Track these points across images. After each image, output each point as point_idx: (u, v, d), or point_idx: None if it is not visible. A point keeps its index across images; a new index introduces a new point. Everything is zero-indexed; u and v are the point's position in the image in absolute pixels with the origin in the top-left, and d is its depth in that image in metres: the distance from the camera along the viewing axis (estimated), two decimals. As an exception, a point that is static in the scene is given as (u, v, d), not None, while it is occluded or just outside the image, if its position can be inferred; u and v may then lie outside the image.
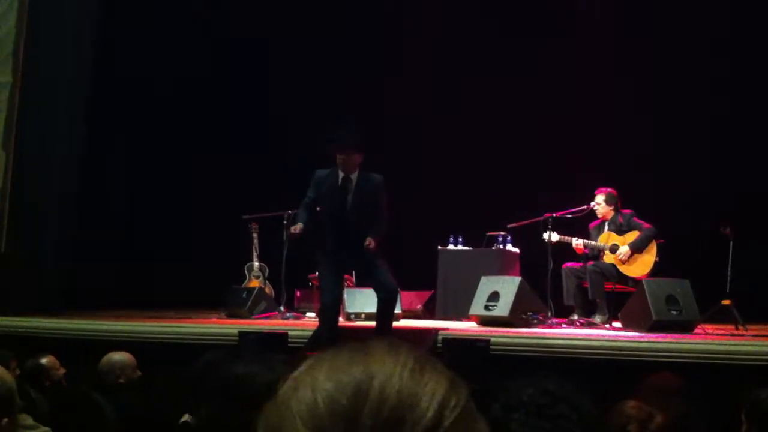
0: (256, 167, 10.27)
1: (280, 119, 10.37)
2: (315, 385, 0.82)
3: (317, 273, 6.73)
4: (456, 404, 0.80)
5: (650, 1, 9.57)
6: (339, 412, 0.79)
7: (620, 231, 7.72)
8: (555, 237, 7.65)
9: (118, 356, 4.94)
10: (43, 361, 5.07)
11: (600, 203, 7.80)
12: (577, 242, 7.75)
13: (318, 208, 6.29)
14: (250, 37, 10.45)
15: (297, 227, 6.11)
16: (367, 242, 5.97)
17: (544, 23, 9.68)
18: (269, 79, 10.45)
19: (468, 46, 9.88)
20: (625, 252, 7.60)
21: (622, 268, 7.62)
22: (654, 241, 7.63)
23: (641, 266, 7.61)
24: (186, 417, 4.78)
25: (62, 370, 5.15)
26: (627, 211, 7.80)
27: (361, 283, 8.22)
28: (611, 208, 7.79)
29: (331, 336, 6.09)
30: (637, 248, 7.60)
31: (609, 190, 7.83)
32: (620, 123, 9.35)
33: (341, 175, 6.13)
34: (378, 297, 6.28)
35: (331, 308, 6.23)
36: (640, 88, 9.39)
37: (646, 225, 7.68)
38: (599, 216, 7.85)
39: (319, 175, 6.25)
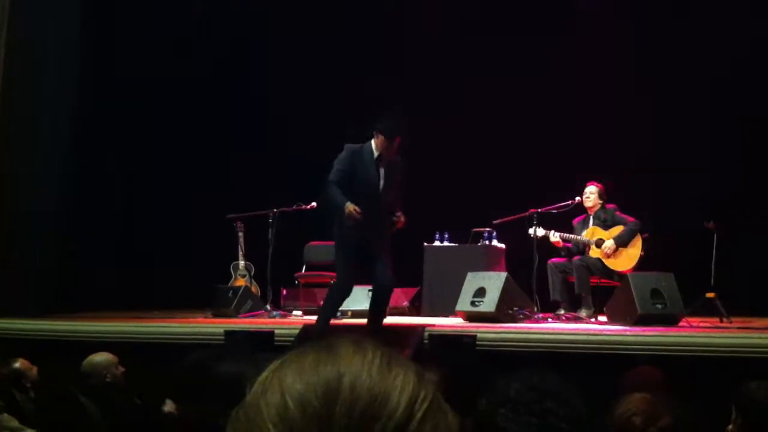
0: (253, 168, 10.20)
1: (279, 119, 10.31)
2: (284, 387, 0.80)
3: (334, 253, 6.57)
4: (425, 397, 0.81)
5: (650, 1, 9.59)
6: (311, 413, 0.78)
7: (605, 225, 7.80)
8: (541, 232, 7.68)
9: (100, 357, 4.94)
10: (17, 365, 5.03)
11: (594, 193, 7.86)
12: (554, 237, 7.78)
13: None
14: (250, 37, 10.39)
15: (355, 209, 5.98)
16: (399, 217, 6.09)
17: (542, 22, 9.67)
18: (269, 80, 10.38)
19: (464, 44, 9.83)
20: (610, 246, 7.65)
21: (608, 262, 7.67)
22: (639, 235, 7.69)
23: (627, 260, 7.66)
24: (169, 406, 4.79)
25: (35, 369, 5.12)
26: (611, 206, 7.88)
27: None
28: (601, 201, 7.87)
29: (324, 328, 6.21)
30: (622, 242, 7.66)
31: (600, 185, 7.91)
32: (606, 119, 9.36)
33: (376, 153, 6.16)
34: (374, 290, 6.35)
35: (342, 293, 6.35)
36: (640, 88, 9.36)
37: (630, 219, 7.74)
38: (588, 206, 7.90)
39: (353, 149, 6.23)
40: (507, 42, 9.64)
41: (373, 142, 6.20)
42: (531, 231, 7.67)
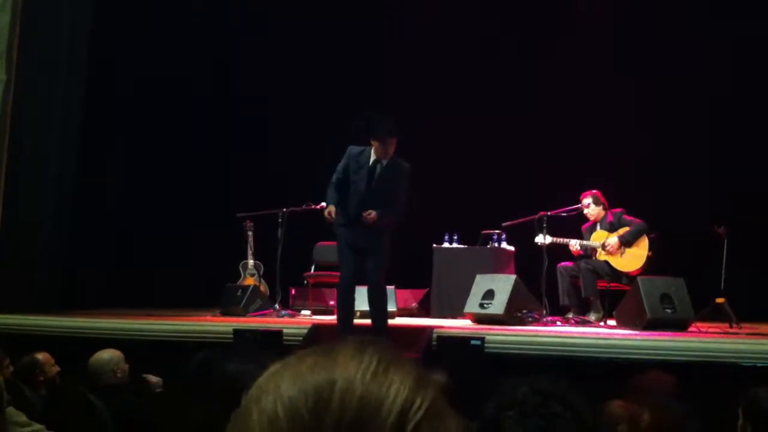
0: (253, 167, 10.23)
1: (279, 120, 10.32)
2: (277, 393, 0.80)
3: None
4: (421, 405, 0.78)
5: (650, 2, 9.57)
6: (299, 423, 0.77)
7: (612, 229, 7.75)
8: (548, 239, 7.66)
9: (107, 354, 4.96)
10: (39, 356, 5.10)
11: (589, 205, 7.82)
12: (572, 244, 7.76)
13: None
14: (250, 37, 10.41)
15: (330, 210, 6.39)
16: (366, 213, 6.20)
17: (543, 24, 9.67)
18: (269, 82, 10.39)
19: (466, 45, 9.86)
20: (614, 243, 7.61)
21: (614, 262, 7.63)
22: (645, 235, 7.64)
23: (633, 260, 7.62)
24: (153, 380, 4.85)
25: (56, 368, 5.16)
26: (617, 210, 7.83)
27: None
28: (600, 208, 7.82)
29: (339, 328, 6.39)
30: (626, 241, 7.61)
31: (593, 192, 7.86)
32: (615, 121, 9.35)
33: (373, 157, 6.38)
34: (367, 289, 6.47)
35: (340, 288, 6.52)
36: (639, 88, 9.35)
37: (636, 220, 7.71)
38: (591, 218, 7.87)
39: (352, 151, 6.49)
40: (505, 42, 9.63)
41: (373, 146, 6.42)
42: (538, 239, 7.65)
